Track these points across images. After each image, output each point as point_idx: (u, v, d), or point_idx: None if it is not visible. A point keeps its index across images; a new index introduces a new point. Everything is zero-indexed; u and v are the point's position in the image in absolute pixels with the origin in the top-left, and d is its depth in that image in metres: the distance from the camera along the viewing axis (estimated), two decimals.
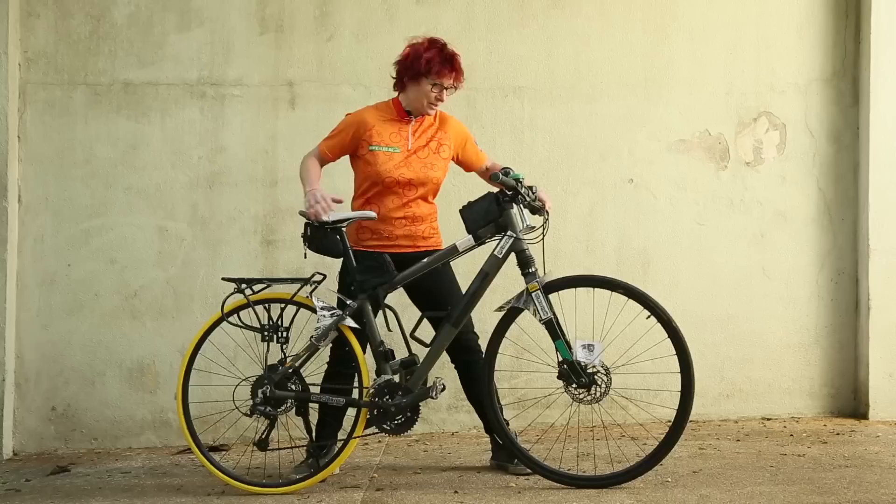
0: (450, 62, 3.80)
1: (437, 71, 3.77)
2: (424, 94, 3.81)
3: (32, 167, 4.77)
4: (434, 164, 3.86)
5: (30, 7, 4.79)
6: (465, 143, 3.99)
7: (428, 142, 3.88)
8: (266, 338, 3.69)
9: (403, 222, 3.84)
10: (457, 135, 3.96)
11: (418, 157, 3.84)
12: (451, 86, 3.83)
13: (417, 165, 3.83)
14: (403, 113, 3.88)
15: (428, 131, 3.91)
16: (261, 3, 4.89)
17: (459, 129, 4.00)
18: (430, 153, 3.87)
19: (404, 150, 3.83)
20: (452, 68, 3.80)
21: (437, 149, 3.89)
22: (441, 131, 3.92)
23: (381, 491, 3.62)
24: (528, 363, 4.11)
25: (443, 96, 3.83)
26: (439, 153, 3.89)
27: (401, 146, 3.84)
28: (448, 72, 3.79)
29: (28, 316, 4.74)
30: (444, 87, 3.81)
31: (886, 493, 3.37)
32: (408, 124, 3.88)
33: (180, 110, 4.84)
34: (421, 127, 3.90)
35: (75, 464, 4.43)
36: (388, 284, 3.66)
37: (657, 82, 5.00)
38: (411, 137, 3.86)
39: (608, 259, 4.94)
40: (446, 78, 3.79)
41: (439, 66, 3.77)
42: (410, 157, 3.83)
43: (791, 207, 5.04)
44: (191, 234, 4.83)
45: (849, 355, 5.04)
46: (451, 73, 3.81)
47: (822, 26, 5.06)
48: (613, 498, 3.39)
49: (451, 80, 3.82)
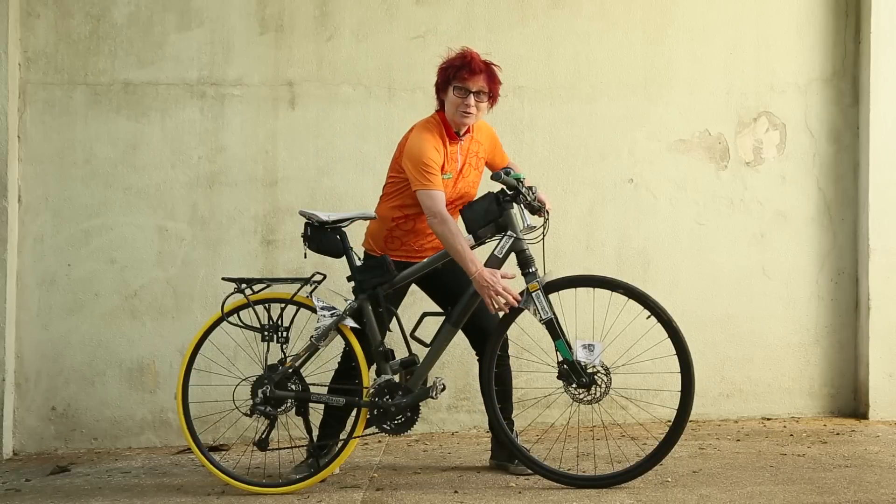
0: (470, 65, 3.67)
1: (462, 76, 3.65)
2: (453, 103, 3.68)
3: (32, 167, 4.77)
4: (474, 181, 3.84)
5: (30, 7, 4.79)
6: (494, 148, 3.93)
7: (468, 157, 3.81)
8: (266, 338, 3.69)
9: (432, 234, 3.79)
10: (490, 141, 3.90)
11: (463, 177, 3.80)
12: (480, 89, 3.68)
13: (462, 185, 3.79)
14: (454, 133, 3.75)
15: (471, 147, 3.83)
16: (261, 3, 4.89)
17: (491, 134, 3.92)
18: (471, 171, 3.82)
19: (455, 173, 3.77)
20: (475, 70, 3.66)
21: (476, 164, 3.84)
22: (478, 143, 3.85)
23: (381, 491, 3.62)
24: (528, 363, 4.11)
25: (472, 102, 3.66)
26: (478, 168, 3.85)
27: (453, 171, 3.76)
28: (469, 74, 3.65)
29: (28, 316, 4.74)
30: (472, 92, 3.66)
31: (886, 493, 3.37)
32: (457, 143, 3.77)
33: (180, 110, 4.84)
34: (467, 145, 3.80)
35: (75, 464, 4.43)
36: (388, 284, 3.66)
37: (657, 82, 5.00)
38: (459, 157, 3.79)
39: (608, 259, 4.94)
40: (471, 81, 3.65)
41: (464, 70, 3.66)
42: (458, 178, 3.78)
43: (791, 207, 5.04)
44: (191, 233, 4.83)
45: (849, 355, 5.04)
46: (477, 74, 3.66)
47: (822, 26, 5.06)
48: (613, 498, 3.39)
49: (479, 83, 3.66)
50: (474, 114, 3.69)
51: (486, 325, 3.76)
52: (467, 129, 3.78)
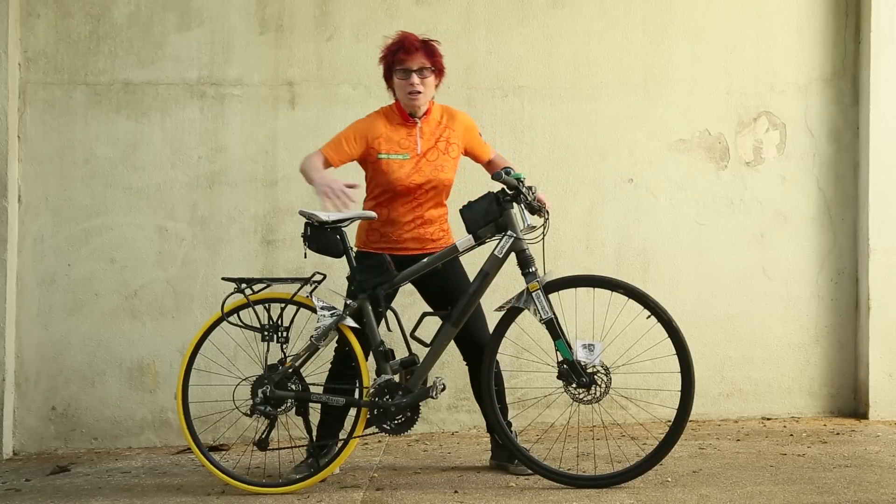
0: (404, 45, 3.72)
1: (399, 58, 3.72)
2: (399, 87, 3.76)
3: (32, 167, 4.77)
4: (444, 166, 3.83)
5: (30, 7, 4.79)
6: (471, 138, 3.95)
7: (436, 142, 3.84)
8: (266, 338, 3.69)
9: (412, 225, 3.83)
10: (464, 129, 3.92)
11: (428, 160, 3.80)
12: (421, 66, 3.73)
13: (427, 169, 3.80)
14: (407, 116, 3.83)
15: (436, 131, 3.86)
16: (261, 3, 4.89)
17: (466, 122, 3.94)
18: (439, 154, 3.83)
19: (414, 155, 3.80)
20: (411, 49, 3.71)
21: (445, 149, 3.84)
22: (449, 129, 3.87)
23: (381, 491, 3.62)
24: (528, 363, 4.11)
25: (415, 80, 3.72)
26: (448, 153, 3.85)
27: (410, 151, 3.79)
28: (406, 53, 3.71)
29: (28, 316, 4.74)
30: (413, 70, 3.72)
31: (886, 493, 3.37)
32: (414, 126, 3.82)
33: (180, 110, 4.84)
34: (429, 127, 3.85)
35: (75, 464, 4.43)
36: (387, 284, 3.66)
37: (657, 82, 5.00)
38: (420, 140, 3.82)
39: (608, 259, 4.94)
40: (409, 60, 3.71)
41: (399, 53, 3.72)
42: (420, 160, 3.80)
43: (791, 207, 5.04)
44: (191, 233, 4.83)
45: (849, 355, 5.04)
46: (413, 53, 3.72)
47: (822, 26, 5.06)
48: (613, 498, 3.39)
49: (419, 60, 3.72)
50: (422, 91, 3.74)
51: (476, 335, 3.77)
52: (426, 111, 3.83)
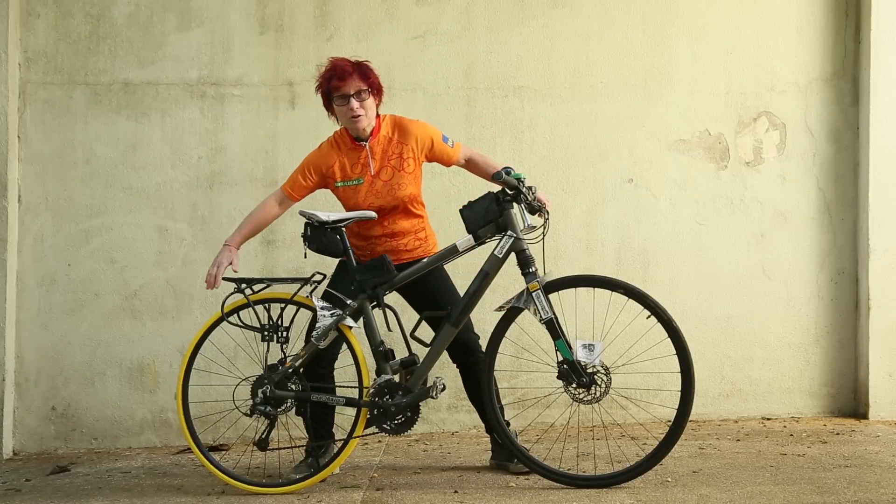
0: (336, 72, 3.69)
1: (334, 85, 3.70)
2: (340, 114, 3.74)
3: (32, 167, 4.77)
4: (400, 183, 3.78)
5: (30, 7, 4.79)
6: (430, 145, 3.84)
7: (389, 160, 3.79)
8: (266, 338, 3.69)
9: (383, 239, 3.83)
10: (418, 140, 3.81)
11: (382, 180, 3.78)
12: (357, 89, 3.69)
13: (384, 189, 3.77)
14: (354, 140, 3.80)
15: (388, 148, 3.80)
16: (261, 3, 4.89)
17: (419, 132, 3.82)
18: (393, 172, 3.78)
19: (367, 178, 3.78)
20: (344, 75, 3.68)
21: (399, 165, 3.79)
22: (401, 143, 3.80)
23: (381, 491, 3.62)
24: (528, 363, 4.11)
25: (354, 105, 3.68)
26: (403, 169, 3.79)
27: (364, 175, 3.79)
28: (339, 80, 3.68)
29: (28, 316, 4.74)
30: (351, 95, 3.68)
31: (886, 493, 3.37)
32: (364, 149, 3.79)
33: (180, 110, 4.84)
34: (379, 146, 3.79)
35: (75, 464, 4.43)
36: (387, 284, 3.66)
37: (657, 82, 5.00)
38: (372, 162, 3.79)
39: (608, 259, 4.94)
40: (345, 86, 3.68)
41: (333, 80, 3.69)
42: (375, 181, 3.78)
43: (791, 207, 5.04)
44: (191, 233, 4.83)
45: (849, 355, 5.04)
46: (347, 78, 3.68)
47: (822, 26, 5.06)
48: (613, 498, 3.39)
49: (354, 84, 3.68)
50: (363, 114, 3.71)
51: (462, 336, 3.76)
52: (373, 131, 3.79)
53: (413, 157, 3.81)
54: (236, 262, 3.77)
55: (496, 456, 3.94)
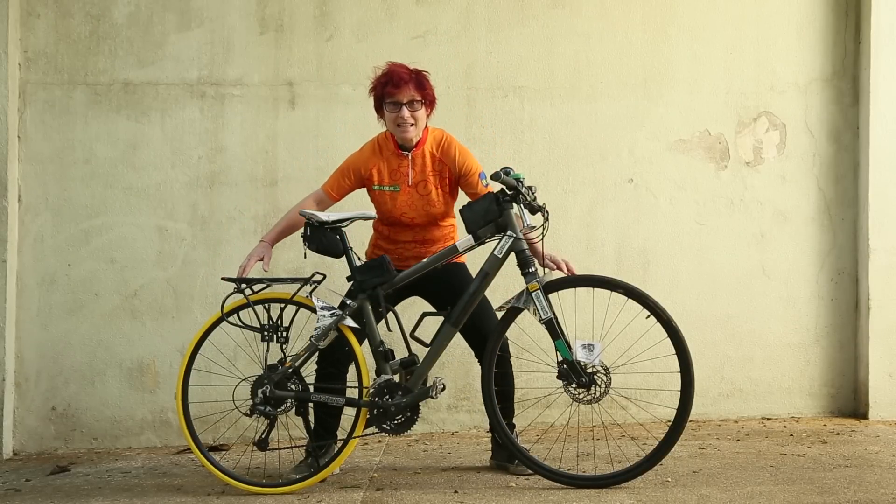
0: (394, 78, 3.71)
1: (388, 91, 3.71)
2: (389, 119, 3.75)
3: (32, 167, 4.77)
4: (435, 201, 3.80)
5: (30, 7, 4.79)
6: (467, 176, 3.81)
7: (427, 176, 3.80)
8: (266, 338, 3.69)
9: (413, 245, 3.86)
10: (458, 166, 3.81)
11: (419, 193, 3.79)
12: (411, 99, 3.71)
13: (419, 203, 3.79)
14: (398, 147, 3.81)
15: (429, 163, 3.81)
16: (261, 3, 4.89)
17: (463, 160, 3.81)
18: (431, 189, 3.80)
19: (405, 187, 3.80)
20: (400, 82, 3.70)
21: (437, 183, 3.81)
22: (443, 163, 3.81)
23: (381, 491, 3.62)
24: (528, 363, 4.11)
25: (405, 114, 3.69)
26: (441, 188, 3.81)
27: (401, 183, 3.80)
28: (394, 87, 3.70)
29: (28, 316, 4.74)
30: (403, 104, 3.70)
31: (886, 493, 3.37)
32: (406, 158, 3.80)
33: (180, 110, 4.84)
34: (421, 159, 3.80)
35: (75, 464, 4.43)
36: (388, 284, 3.66)
37: (657, 82, 5.00)
38: (411, 172, 3.80)
39: (608, 259, 4.94)
40: (399, 94, 3.70)
41: (388, 86, 3.71)
42: (412, 193, 3.79)
43: (791, 207, 5.04)
44: (191, 233, 4.83)
45: (849, 355, 5.04)
46: (402, 86, 3.70)
47: (822, 26, 5.06)
48: (613, 498, 3.39)
49: (408, 93, 3.70)
50: (412, 124, 3.72)
51: (485, 328, 3.76)
52: (419, 142, 3.80)
53: (450, 178, 3.83)
54: (268, 259, 3.80)
55: (496, 456, 3.94)
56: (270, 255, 3.84)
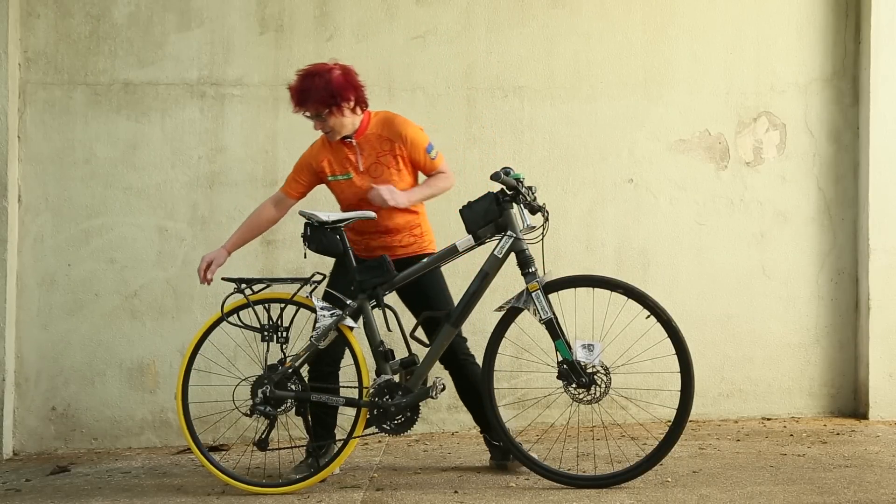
0: (293, 95, 3.70)
1: (294, 106, 3.73)
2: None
3: (32, 167, 4.77)
4: (390, 180, 3.76)
5: (30, 7, 4.79)
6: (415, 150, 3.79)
7: (379, 157, 3.78)
8: (266, 338, 3.69)
9: (377, 235, 3.83)
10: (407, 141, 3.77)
11: (371, 176, 3.78)
12: (316, 113, 3.68)
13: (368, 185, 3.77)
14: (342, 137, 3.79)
15: (377, 145, 3.78)
16: (261, 3, 4.89)
17: (410, 134, 3.77)
18: (383, 170, 3.78)
19: (356, 174, 3.79)
20: (297, 104, 3.69)
21: (390, 163, 3.79)
22: (391, 142, 3.78)
23: (381, 491, 3.62)
24: (528, 363, 4.11)
25: (316, 125, 3.72)
26: (396, 167, 3.79)
27: (352, 170, 3.79)
28: (295, 105, 3.71)
29: (28, 316, 4.74)
30: (311, 118, 3.72)
31: (886, 493, 3.37)
32: (352, 145, 3.79)
33: (180, 110, 4.84)
34: (368, 143, 3.78)
35: (75, 464, 4.43)
36: (387, 284, 3.66)
37: (657, 82, 5.00)
38: (360, 157, 3.79)
39: (608, 259, 4.94)
40: (302, 109, 3.71)
41: (293, 102, 3.72)
42: (364, 177, 3.78)
43: (791, 207, 5.04)
44: (191, 233, 4.83)
45: (849, 355, 5.04)
46: (301, 104, 3.68)
47: (822, 26, 5.06)
48: (613, 498, 3.39)
49: (310, 109, 3.68)
50: (331, 129, 3.73)
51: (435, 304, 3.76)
52: (361, 128, 3.78)
53: (402, 156, 3.80)
54: (216, 266, 3.79)
55: (496, 456, 3.94)
56: (222, 262, 3.81)
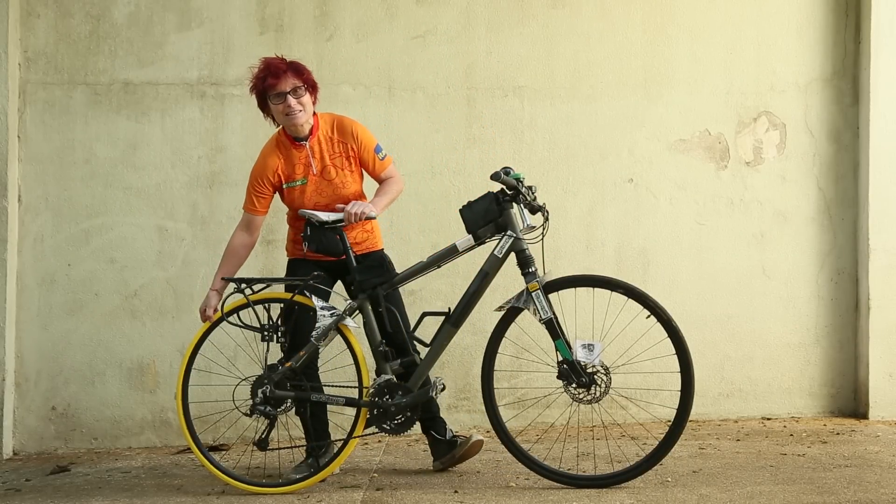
0: (273, 68, 3.67)
1: (269, 84, 3.66)
2: (277, 112, 3.71)
3: (32, 167, 4.77)
4: (344, 182, 3.77)
5: (30, 7, 4.79)
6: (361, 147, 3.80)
7: (331, 159, 3.78)
8: (266, 338, 3.69)
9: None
10: (357, 139, 3.79)
11: (325, 179, 3.77)
12: (294, 86, 3.67)
13: (328, 189, 3.76)
14: (294, 140, 3.78)
15: (329, 147, 3.78)
16: (261, 3, 4.89)
17: (360, 133, 3.80)
18: (338, 171, 3.77)
19: (311, 178, 3.77)
20: (278, 72, 3.65)
21: (343, 165, 3.79)
22: (342, 142, 3.79)
23: (381, 491, 3.62)
24: (528, 363, 4.11)
25: (291, 102, 3.66)
26: (349, 169, 3.79)
27: (307, 175, 3.77)
28: (274, 78, 3.65)
29: (28, 316, 4.74)
30: (288, 92, 3.66)
31: (886, 493, 3.37)
32: (304, 149, 3.77)
33: (180, 110, 4.84)
34: (319, 145, 3.78)
35: (75, 463, 4.43)
36: (387, 284, 3.66)
37: (657, 82, 5.00)
38: (313, 161, 3.77)
39: (608, 259, 4.94)
40: (280, 84, 3.65)
41: (268, 79, 3.66)
42: (319, 181, 3.77)
43: (791, 207, 5.04)
44: (191, 233, 4.83)
45: (849, 355, 5.04)
46: (281, 75, 3.65)
47: (822, 26, 5.06)
48: (613, 498, 3.39)
49: (290, 82, 3.66)
50: (300, 110, 3.69)
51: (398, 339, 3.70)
52: (313, 130, 3.77)
53: (354, 156, 3.80)
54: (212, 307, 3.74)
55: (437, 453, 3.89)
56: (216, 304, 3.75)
